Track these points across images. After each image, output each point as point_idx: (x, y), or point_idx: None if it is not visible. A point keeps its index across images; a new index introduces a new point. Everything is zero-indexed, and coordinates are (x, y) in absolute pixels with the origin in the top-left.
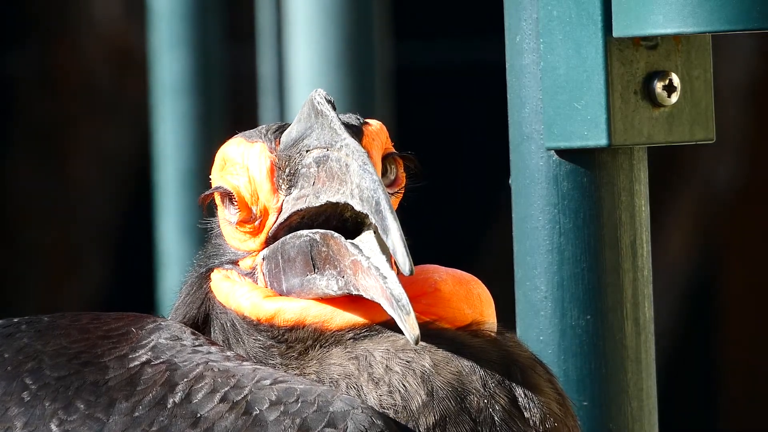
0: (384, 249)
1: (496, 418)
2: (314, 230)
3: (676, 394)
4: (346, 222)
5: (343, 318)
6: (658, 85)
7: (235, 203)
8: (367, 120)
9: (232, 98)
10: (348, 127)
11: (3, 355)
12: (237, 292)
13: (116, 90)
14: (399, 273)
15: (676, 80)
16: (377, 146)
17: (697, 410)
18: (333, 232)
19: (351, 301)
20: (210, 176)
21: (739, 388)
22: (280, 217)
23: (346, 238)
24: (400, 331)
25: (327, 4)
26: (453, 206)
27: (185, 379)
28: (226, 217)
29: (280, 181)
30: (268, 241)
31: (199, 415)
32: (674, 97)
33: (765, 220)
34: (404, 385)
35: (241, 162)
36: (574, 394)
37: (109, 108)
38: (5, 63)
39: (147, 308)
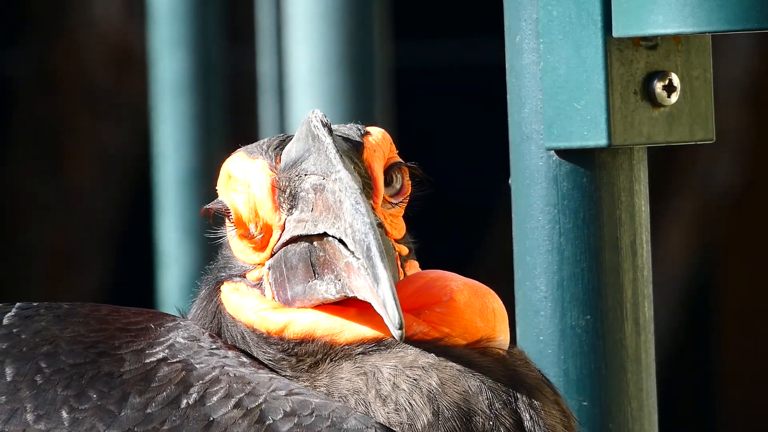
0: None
1: None
2: (312, 236)
3: (676, 395)
4: None
5: (352, 332)
6: (658, 85)
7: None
8: (369, 129)
9: (232, 98)
10: (347, 141)
11: (20, 336)
12: (246, 305)
13: (116, 90)
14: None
15: (675, 80)
16: (379, 158)
17: (697, 410)
18: (329, 236)
19: (360, 314)
20: (209, 177)
21: (738, 388)
22: (283, 237)
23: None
24: (410, 347)
25: (327, 4)
26: (453, 206)
27: (200, 381)
28: (230, 231)
29: (281, 200)
30: (273, 256)
31: (212, 418)
32: (674, 97)
33: (765, 220)
34: (410, 404)
35: (243, 178)
36: (574, 394)
37: (109, 108)
38: (5, 63)
39: (147, 308)
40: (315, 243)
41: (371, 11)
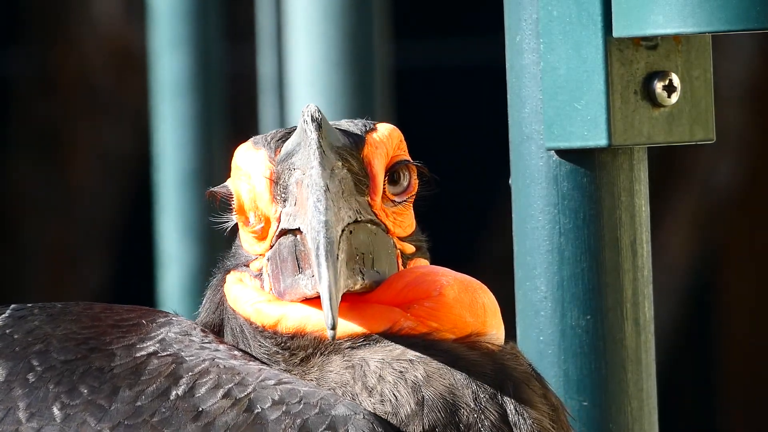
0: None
1: None
2: (295, 230)
3: (676, 394)
4: None
5: (341, 327)
6: (658, 86)
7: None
8: (376, 125)
9: (232, 98)
10: (347, 136)
11: (13, 336)
12: (244, 297)
13: (116, 90)
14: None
15: (676, 80)
16: (380, 154)
17: (697, 410)
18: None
19: (350, 309)
20: (209, 177)
21: (738, 389)
22: (279, 229)
23: None
24: (398, 341)
25: (327, 4)
26: (453, 206)
27: (190, 373)
28: (233, 219)
29: (277, 192)
30: (272, 248)
31: (200, 409)
32: (674, 97)
33: (765, 220)
34: (395, 395)
35: (245, 169)
36: (574, 394)
37: (109, 108)
38: (5, 63)
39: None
40: (298, 237)
41: (371, 11)
